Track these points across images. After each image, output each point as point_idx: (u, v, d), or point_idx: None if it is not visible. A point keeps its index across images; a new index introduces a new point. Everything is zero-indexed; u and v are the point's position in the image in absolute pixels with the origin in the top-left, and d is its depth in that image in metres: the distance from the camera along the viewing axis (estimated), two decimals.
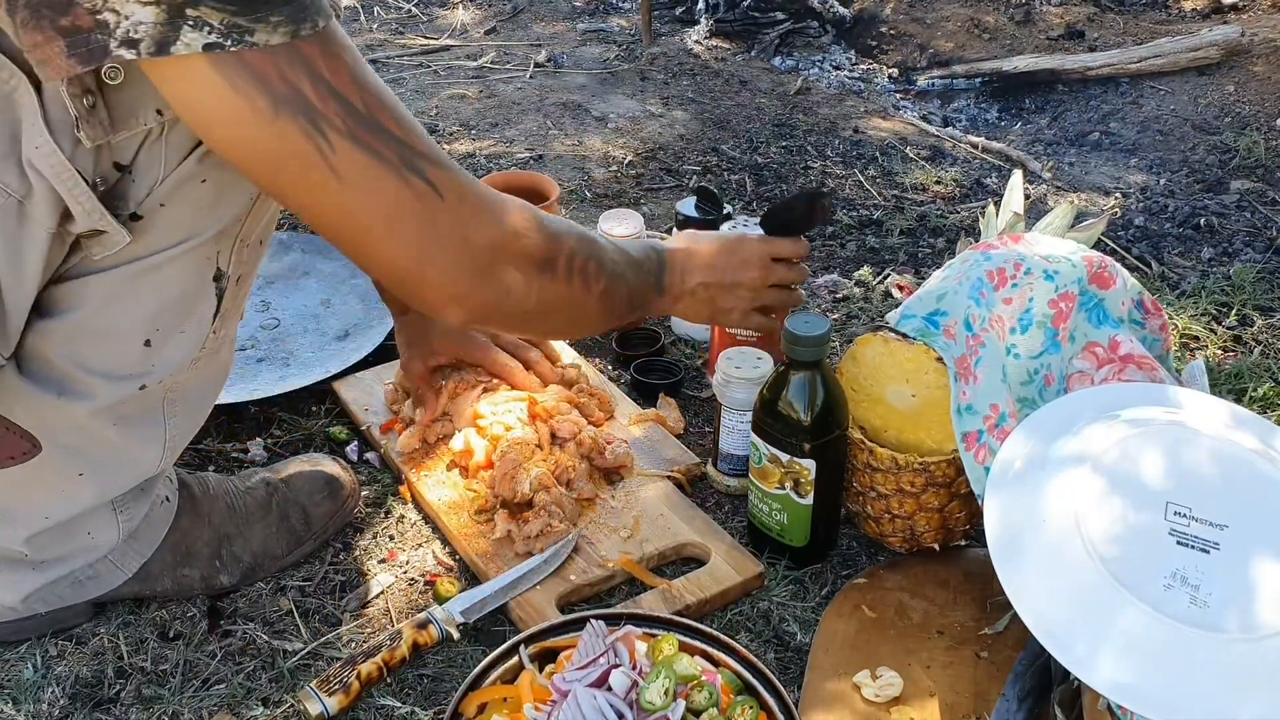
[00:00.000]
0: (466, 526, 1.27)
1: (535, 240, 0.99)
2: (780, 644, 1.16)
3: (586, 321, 1.14)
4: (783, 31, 3.07)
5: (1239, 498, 0.97)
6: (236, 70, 0.80)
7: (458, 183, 0.93)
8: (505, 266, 0.97)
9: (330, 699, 1.05)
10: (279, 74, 0.81)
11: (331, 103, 0.84)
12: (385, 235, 0.90)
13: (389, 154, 0.87)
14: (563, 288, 1.03)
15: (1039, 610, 0.94)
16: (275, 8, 0.80)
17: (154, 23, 0.77)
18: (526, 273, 0.99)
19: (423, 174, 0.89)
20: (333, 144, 0.85)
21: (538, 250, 0.99)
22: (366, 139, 0.86)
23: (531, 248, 0.99)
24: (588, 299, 1.06)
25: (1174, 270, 1.93)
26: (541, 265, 1.00)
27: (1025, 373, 1.16)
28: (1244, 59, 2.73)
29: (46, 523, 1.07)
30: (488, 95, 2.60)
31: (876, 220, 2.06)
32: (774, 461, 1.20)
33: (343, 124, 0.85)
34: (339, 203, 0.88)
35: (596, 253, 1.07)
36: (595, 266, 1.06)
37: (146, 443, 1.08)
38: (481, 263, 0.95)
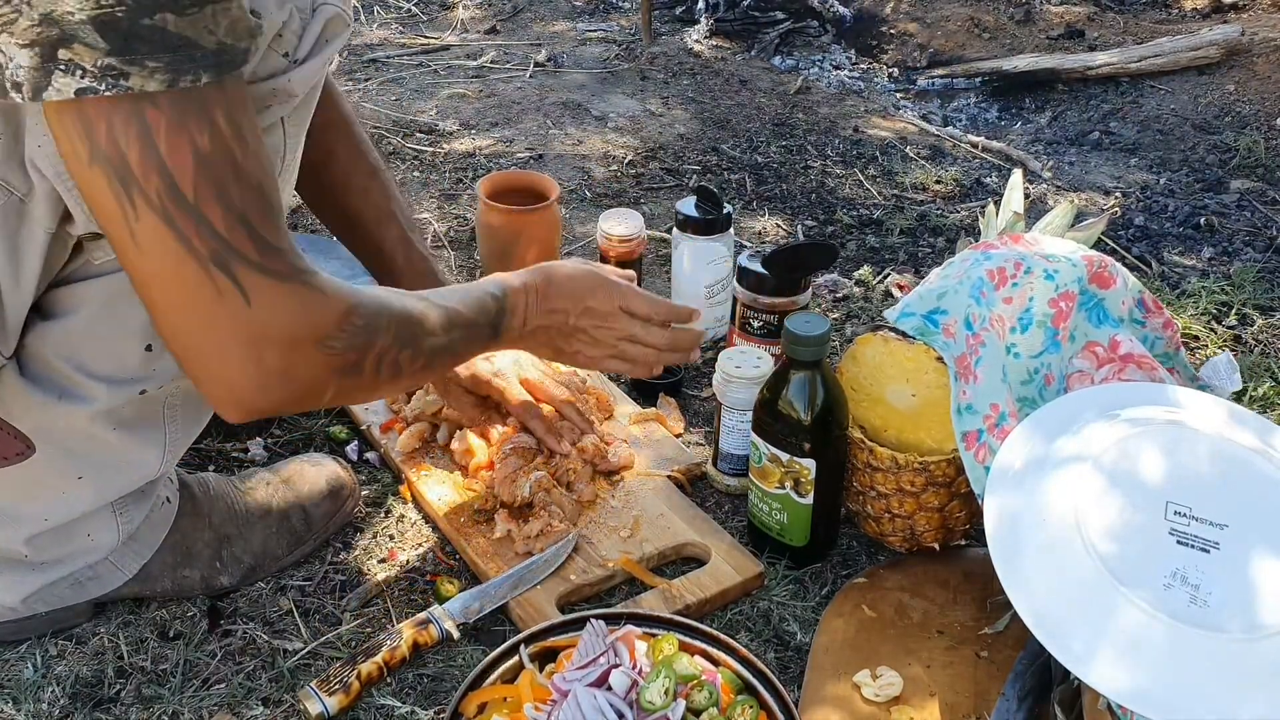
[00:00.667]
0: (466, 526, 1.27)
1: (340, 349, 0.93)
2: (780, 644, 1.16)
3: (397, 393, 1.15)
4: (783, 31, 3.07)
5: (1239, 497, 0.97)
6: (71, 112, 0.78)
7: (274, 292, 0.87)
8: (297, 373, 0.91)
9: (330, 699, 1.05)
10: (108, 127, 0.78)
11: (154, 177, 0.80)
12: (173, 316, 0.87)
13: (199, 245, 0.83)
14: (368, 381, 0.98)
15: (1039, 609, 0.94)
16: (155, 52, 0.77)
17: (30, 67, 0.76)
18: (324, 378, 0.94)
19: (233, 275, 0.84)
20: (139, 213, 0.81)
21: (340, 359, 0.94)
22: (180, 222, 0.82)
23: (334, 357, 0.93)
24: (398, 382, 1.03)
25: (1174, 270, 1.93)
26: (344, 371, 0.95)
27: (1025, 372, 1.16)
28: (1244, 58, 2.73)
29: (46, 524, 1.07)
30: (488, 95, 2.60)
31: (876, 220, 2.06)
32: (774, 461, 1.20)
33: (158, 199, 0.81)
34: (135, 268, 0.85)
35: (413, 341, 1.02)
36: (409, 356, 1.01)
37: (147, 447, 1.08)
38: (270, 370, 0.89)
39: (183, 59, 0.78)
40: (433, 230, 1.97)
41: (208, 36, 0.79)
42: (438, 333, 1.05)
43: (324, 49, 0.96)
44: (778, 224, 2.05)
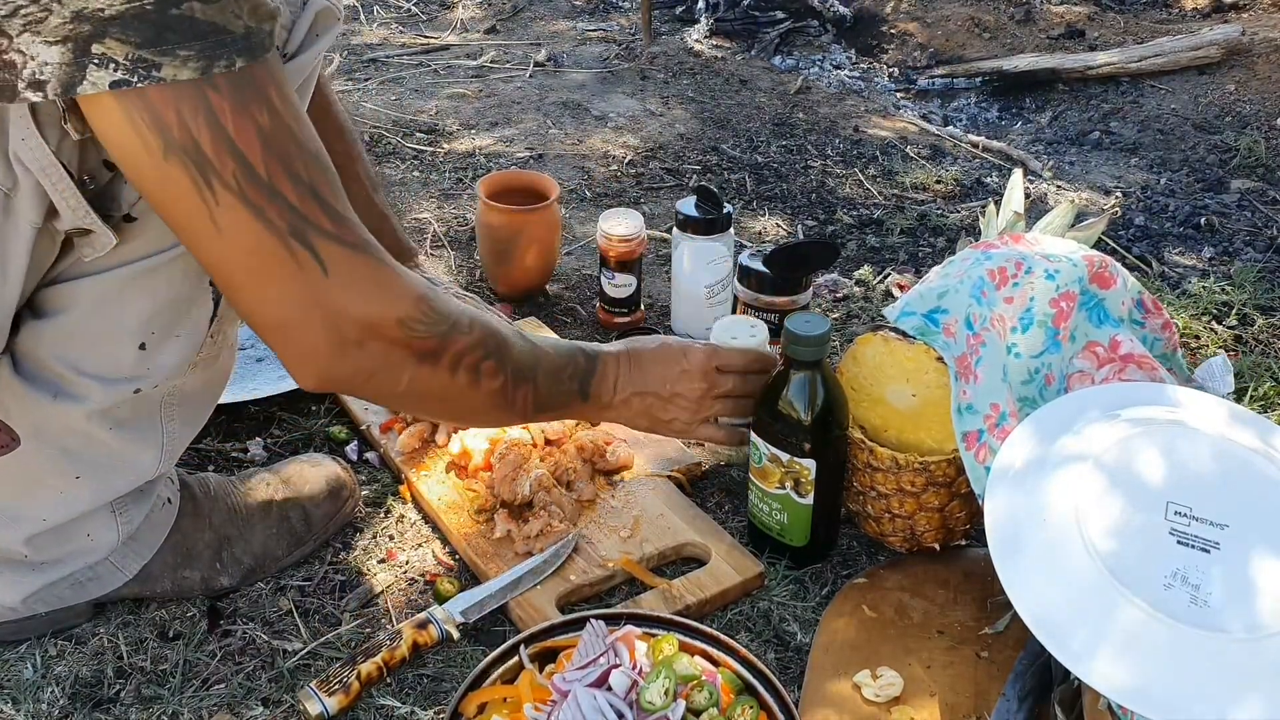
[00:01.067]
0: (466, 526, 1.27)
1: (421, 332, 0.95)
2: (780, 644, 1.16)
3: (473, 414, 1.11)
4: (783, 31, 3.07)
5: (1239, 497, 0.97)
6: (137, 107, 0.79)
7: (350, 262, 0.90)
8: (376, 348, 0.93)
9: (330, 699, 1.05)
10: (178, 118, 0.80)
11: (227, 159, 0.82)
12: (254, 292, 0.89)
13: (278, 220, 0.85)
14: (444, 379, 0.99)
15: (1039, 609, 0.94)
16: (186, 41, 0.78)
17: (59, 63, 0.77)
18: (401, 359, 0.96)
19: (311, 246, 0.87)
20: (219, 199, 0.83)
21: (420, 343, 0.96)
22: (257, 201, 0.84)
23: (414, 339, 0.95)
24: (474, 394, 1.03)
25: (1174, 270, 1.92)
26: (422, 356, 0.96)
27: (1026, 372, 1.16)
28: (1245, 58, 2.73)
29: (45, 524, 1.07)
30: (488, 94, 2.60)
31: (877, 219, 2.06)
32: (774, 461, 1.20)
33: (234, 181, 0.83)
34: (216, 252, 0.87)
35: (498, 352, 1.03)
36: (492, 366, 1.02)
37: (144, 446, 1.08)
38: (348, 339, 0.92)
39: (213, 45, 0.79)
40: (432, 230, 1.97)
41: (235, 21, 0.80)
42: (525, 358, 1.06)
43: (315, 43, 0.96)
44: (778, 224, 2.05)
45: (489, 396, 1.04)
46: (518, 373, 1.06)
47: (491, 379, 1.03)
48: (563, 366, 1.13)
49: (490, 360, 1.02)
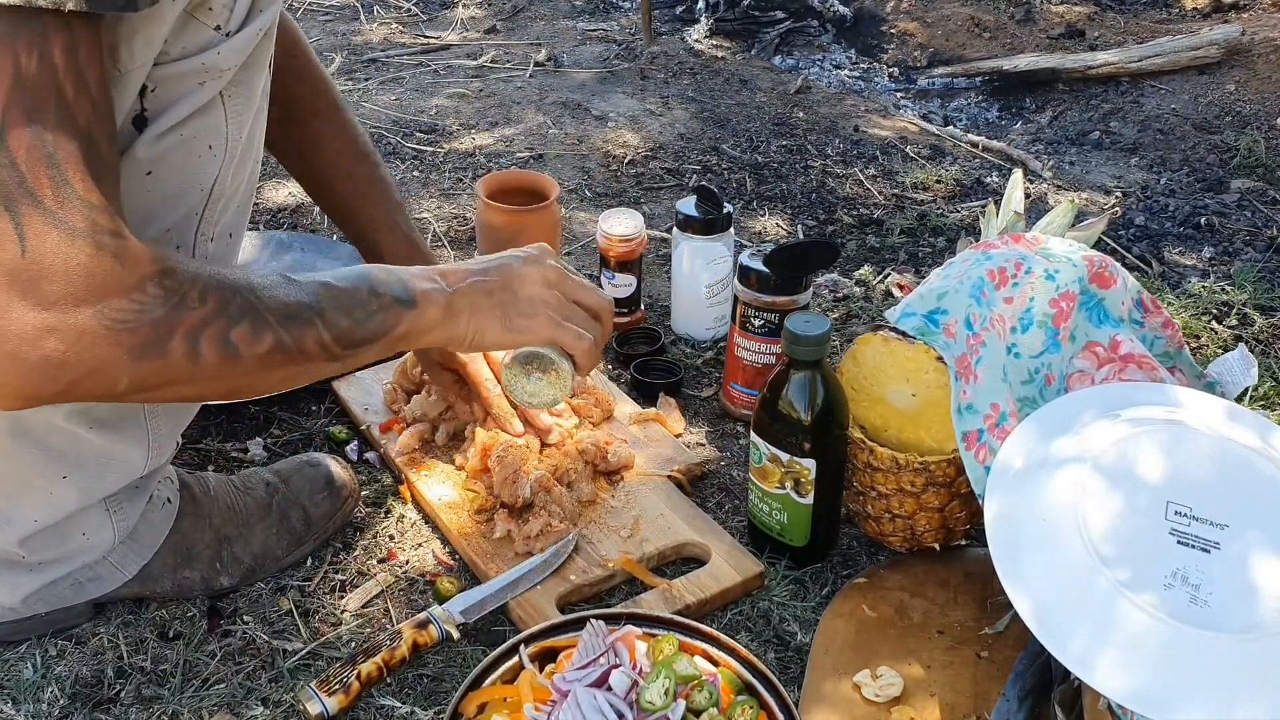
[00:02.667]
0: (466, 526, 1.27)
1: (129, 323, 0.82)
2: (780, 644, 1.16)
3: (251, 387, 0.97)
4: (783, 30, 3.07)
5: (1239, 497, 0.97)
6: None
7: (55, 244, 0.78)
8: (73, 351, 0.81)
9: (330, 699, 1.05)
10: None
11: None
12: None
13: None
14: (182, 366, 0.86)
15: (1039, 610, 0.94)
16: None
17: None
18: (111, 359, 0.83)
19: (16, 215, 0.77)
20: None
21: (129, 335, 0.83)
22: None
23: (121, 332, 0.82)
24: (237, 367, 0.89)
25: (1174, 270, 1.92)
26: (137, 350, 0.83)
27: (1026, 372, 1.16)
28: (1245, 58, 2.73)
29: (37, 525, 1.07)
30: (488, 94, 2.60)
31: (877, 219, 2.06)
32: (774, 461, 1.20)
33: None
34: None
35: (248, 312, 0.89)
36: (246, 330, 0.88)
37: (130, 445, 1.07)
38: (30, 340, 0.79)
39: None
40: (432, 230, 1.97)
41: None
42: (292, 306, 0.92)
43: (256, 18, 0.93)
44: (778, 224, 2.05)
45: (260, 362, 0.90)
46: (288, 321, 0.91)
47: (252, 344, 0.89)
48: (356, 287, 0.97)
49: (242, 325, 0.88)
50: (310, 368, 0.96)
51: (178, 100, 0.92)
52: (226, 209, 1.02)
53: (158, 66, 0.89)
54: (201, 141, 0.95)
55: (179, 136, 0.93)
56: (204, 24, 0.90)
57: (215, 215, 1.01)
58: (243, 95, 0.97)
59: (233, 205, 1.02)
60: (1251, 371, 1.20)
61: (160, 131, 0.92)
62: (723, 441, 1.47)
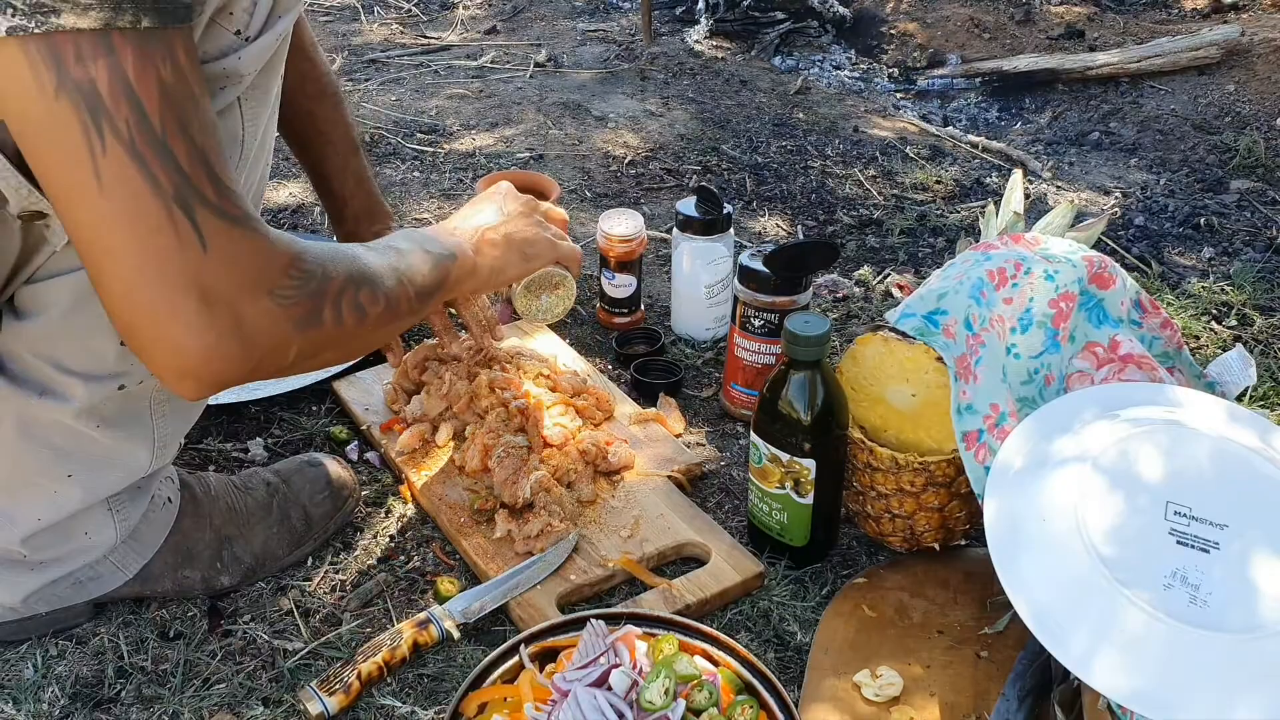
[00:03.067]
0: (466, 526, 1.27)
1: (294, 297, 0.89)
2: (780, 644, 1.16)
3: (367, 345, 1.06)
4: (783, 31, 3.07)
5: (1239, 497, 0.97)
6: (36, 44, 0.75)
7: (228, 237, 0.83)
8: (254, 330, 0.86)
9: (330, 699, 1.05)
10: (76, 54, 0.75)
11: (124, 105, 0.77)
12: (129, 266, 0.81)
13: (165, 181, 0.79)
14: (331, 332, 0.93)
15: (1039, 609, 0.94)
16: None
17: None
18: (284, 334, 0.89)
19: (193, 216, 0.81)
20: (106, 146, 0.77)
21: (296, 309, 0.89)
22: (147, 156, 0.79)
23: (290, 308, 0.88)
24: (363, 329, 0.97)
25: (1174, 270, 1.93)
26: (301, 321, 0.90)
27: (1025, 372, 1.16)
28: (1244, 59, 2.73)
29: (40, 524, 1.07)
30: (488, 95, 2.60)
31: (876, 220, 2.06)
32: (774, 461, 1.20)
33: (127, 131, 0.78)
34: (93, 211, 0.80)
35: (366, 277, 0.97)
36: (369, 293, 0.97)
37: (135, 444, 1.08)
38: (224, 330, 0.84)
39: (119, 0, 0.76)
40: None
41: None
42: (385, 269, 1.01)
43: (276, 24, 0.94)
44: (778, 224, 2.05)
45: (378, 320, 0.99)
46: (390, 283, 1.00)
47: (374, 304, 0.97)
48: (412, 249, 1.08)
49: (365, 289, 0.96)
50: (403, 323, 1.06)
51: None
52: None
53: None
54: None
55: None
56: (225, 29, 0.90)
57: None
58: (259, 98, 0.98)
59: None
60: (1250, 371, 1.20)
61: None
62: (723, 441, 1.47)
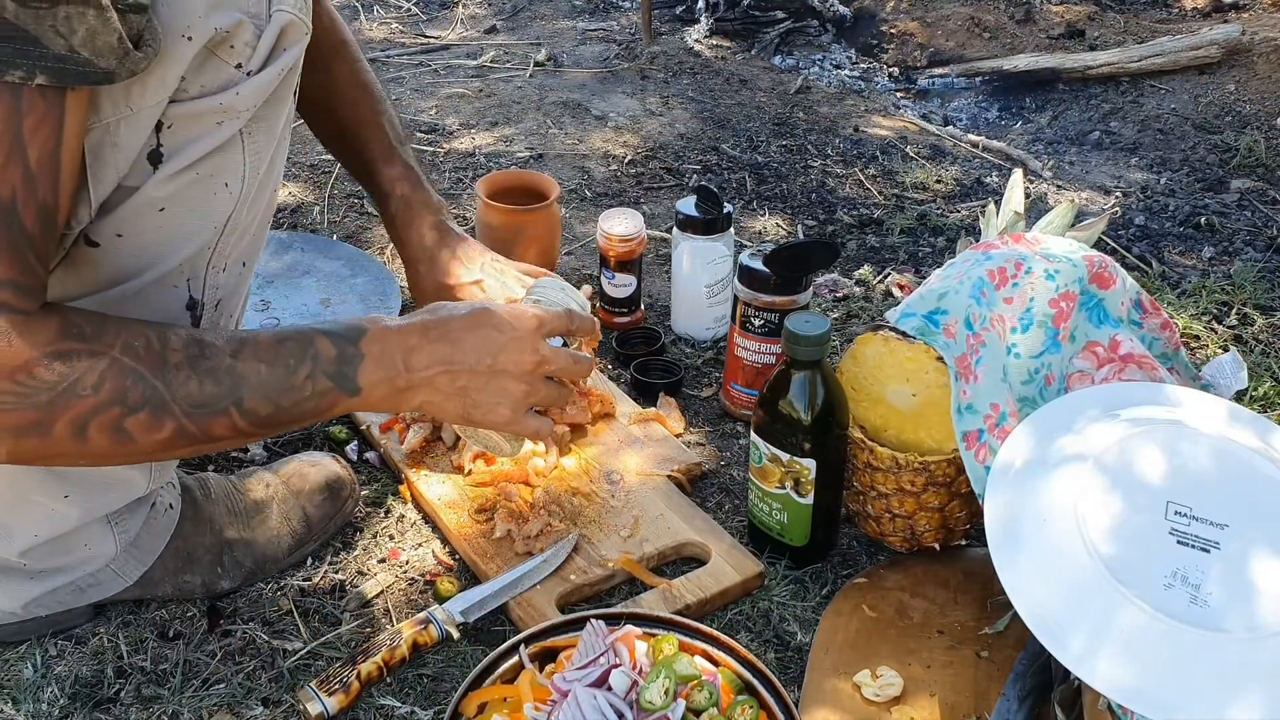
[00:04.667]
0: (466, 526, 1.27)
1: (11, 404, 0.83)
2: (780, 644, 1.16)
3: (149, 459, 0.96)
4: (783, 30, 3.07)
5: (1239, 497, 0.97)
6: None
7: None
8: None
9: (330, 699, 1.05)
10: None
11: None
12: None
13: None
14: (66, 445, 0.86)
15: (1039, 610, 0.94)
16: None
17: None
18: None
19: None
20: None
21: (11, 418, 0.83)
22: None
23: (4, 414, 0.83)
24: (128, 449, 0.89)
25: (1174, 269, 1.92)
26: (18, 430, 0.84)
27: (1026, 372, 1.16)
28: (1245, 58, 2.73)
29: (37, 539, 1.07)
30: (488, 94, 2.60)
31: (877, 219, 2.06)
32: (774, 461, 1.20)
33: None
34: None
35: (150, 401, 0.88)
36: (145, 419, 0.87)
37: (130, 467, 1.07)
38: None
39: (14, 53, 0.74)
40: None
41: (55, 38, 0.74)
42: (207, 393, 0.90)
43: (279, 58, 0.92)
44: (778, 224, 2.05)
45: (159, 445, 0.90)
46: (195, 411, 0.89)
47: (150, 431, 0.88)
48: (293, 369, 0.94)
49: (140, 414, 0.87)
50: (220, 446, 0.95)
51: (195, 139, 0.90)
52: (240, 240, 1.00)
53: (176, 104, 0.87)
54: (218, 180, 0.94)
55: (194, 175, 0.92)
56: (225, 62, 0.88)
57: (229, 248, 1.00)
58: (263, 132, 0.96)
59: (247, 236, 1.01)
60: (1241, 375, 1.20)
61: (176, 170, 0.90)
62: (723, 441, 1.47)
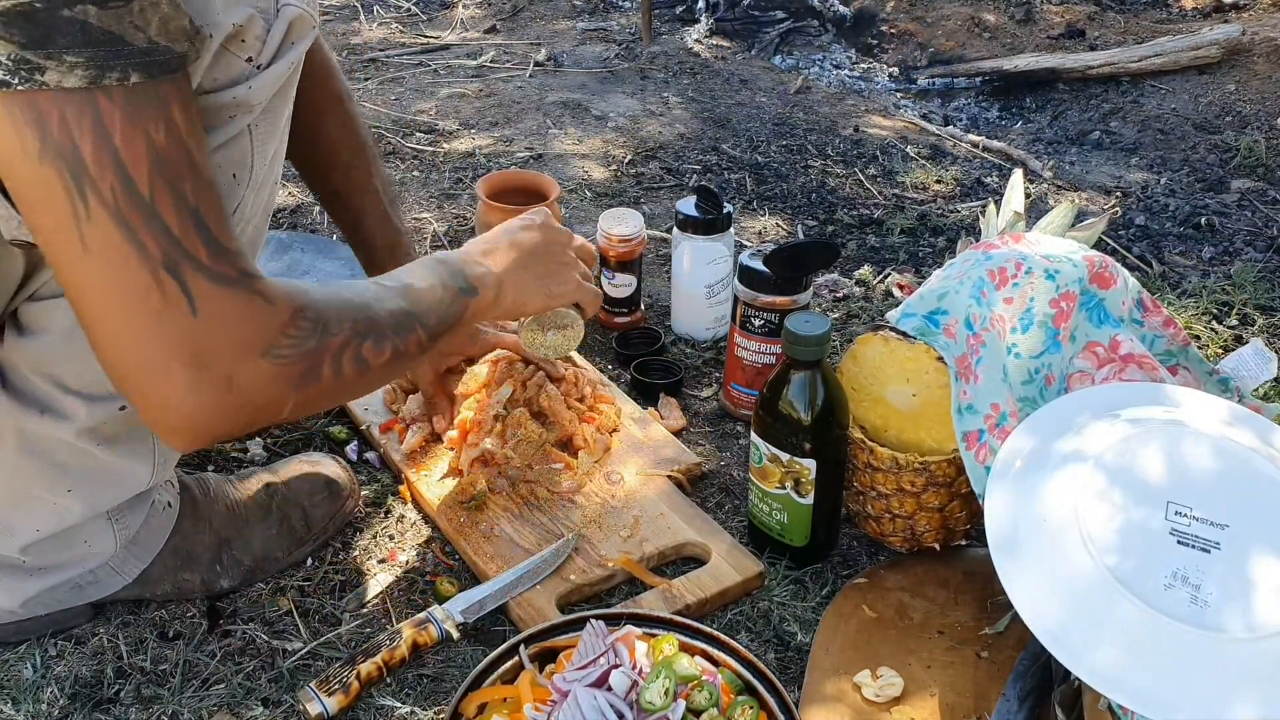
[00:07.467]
0: (466, 526, 1.27)
1: (291, 356, 0.87)
2: (780, 644, 1.16)
3: (370, 390, 1.04)
4: (783, 30, 3.07)
5: (1239, 497, 0.97)
6: (19, 104, 0.74)
7: (220, 299, 0.82)
8: (248, 391, 0.85)
9: (330, 699, 1.05)
10: (60, 119, 0.75)
11: (109, 172, 0.76)
12: (113, 331, 0.81)
13: (152, 247, 0.78)
14: (330, 385, 0.92)
15: (1039, 610, 0.94)
16: (75, 47, 0.73)
17: None
18: (279, 391, 0.88)
19: (182, 280, 0.80)
20: (91, 212, 0.77)
21: (292, 368, 0.88)
22: (134, 222, 0.78)
23: (286, 367, 0.87)
24: (365, 378, 0.96)
25: (1175, 270, 1.92)
26: (299, 379, 0.89)
27: (1026, 372, 1.16)
28: (1245, 58, 2.73)
29: (39, 535, 1.07)
30: (488, 94, 2.60)
31: (877, 219, 2.06)
32: (774, 461, 1.20)
33: (112, 197, 0.77)
34: (79, 273, 0.79)
35: (372, 329, 0.95)
36: (372, 346, 0.95)
37: (136, 461, 1.07)
38: (217, 391, 0.83)
39: (107, 55, 0.75)
40: (432, 230, 1.97)
41: (135, 33, 0.75)
42: (398, 316, 0.99)
43: (288, 52, 0.93)
44: (778, 224, 2.05)
45: (382, 369, 0.97)
46: (398, 330, 0.98)
47: (378, 355, 0.96)
48: (432, 285, 1.05)
49: (369, 341, 0.95)
50: (410, 365, 1.05)
51: (208, 133, 0.90)
52: (244, 231, 1.01)
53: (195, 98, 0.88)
54: (226, 172, 0.94)
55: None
56: (236, 56, 0.88)
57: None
58: (269, 124, 0.97)
59: (250, 227, 1.02)
60: (1271, 366, 1.19)
61: None
62: (723, 441, 1.47)
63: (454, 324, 1.07)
